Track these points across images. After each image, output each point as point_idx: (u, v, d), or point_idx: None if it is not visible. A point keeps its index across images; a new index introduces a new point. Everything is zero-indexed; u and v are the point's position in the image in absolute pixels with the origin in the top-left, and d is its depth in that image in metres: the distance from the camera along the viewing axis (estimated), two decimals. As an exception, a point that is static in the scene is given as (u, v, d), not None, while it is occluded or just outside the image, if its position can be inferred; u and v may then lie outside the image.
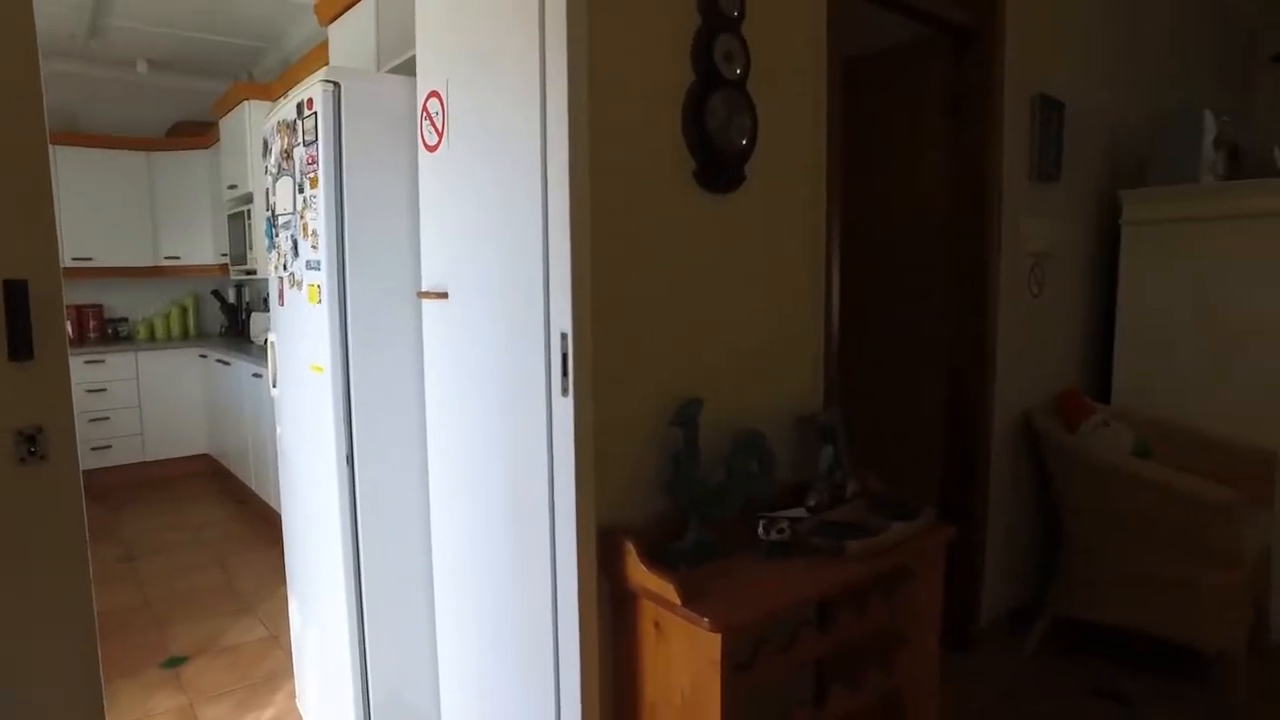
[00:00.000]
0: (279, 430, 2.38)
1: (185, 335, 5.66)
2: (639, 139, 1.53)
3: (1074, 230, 3.10)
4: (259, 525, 4.28)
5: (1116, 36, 3.21)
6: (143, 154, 5.28)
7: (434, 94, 1.78)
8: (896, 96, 2.82)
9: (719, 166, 1.63)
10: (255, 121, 4.38)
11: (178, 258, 5.44)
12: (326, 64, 3.07)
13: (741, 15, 1.66)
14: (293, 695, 2.49)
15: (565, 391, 1.43)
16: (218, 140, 5.04)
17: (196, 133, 5.39)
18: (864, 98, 2.82)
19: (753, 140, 1.69)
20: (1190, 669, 2.53)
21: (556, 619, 1.53)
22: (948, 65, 2.61)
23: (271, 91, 4.37)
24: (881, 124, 2.86)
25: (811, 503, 1.69)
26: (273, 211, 2.22)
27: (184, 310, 5.68)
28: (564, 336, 1.41)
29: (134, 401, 5.14)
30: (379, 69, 2.51)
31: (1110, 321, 3.17)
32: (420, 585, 2.00)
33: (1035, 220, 2.83)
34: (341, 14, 2.83)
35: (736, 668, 1.35)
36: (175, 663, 2.74)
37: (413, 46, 1.89)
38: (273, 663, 2.72)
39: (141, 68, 5.10)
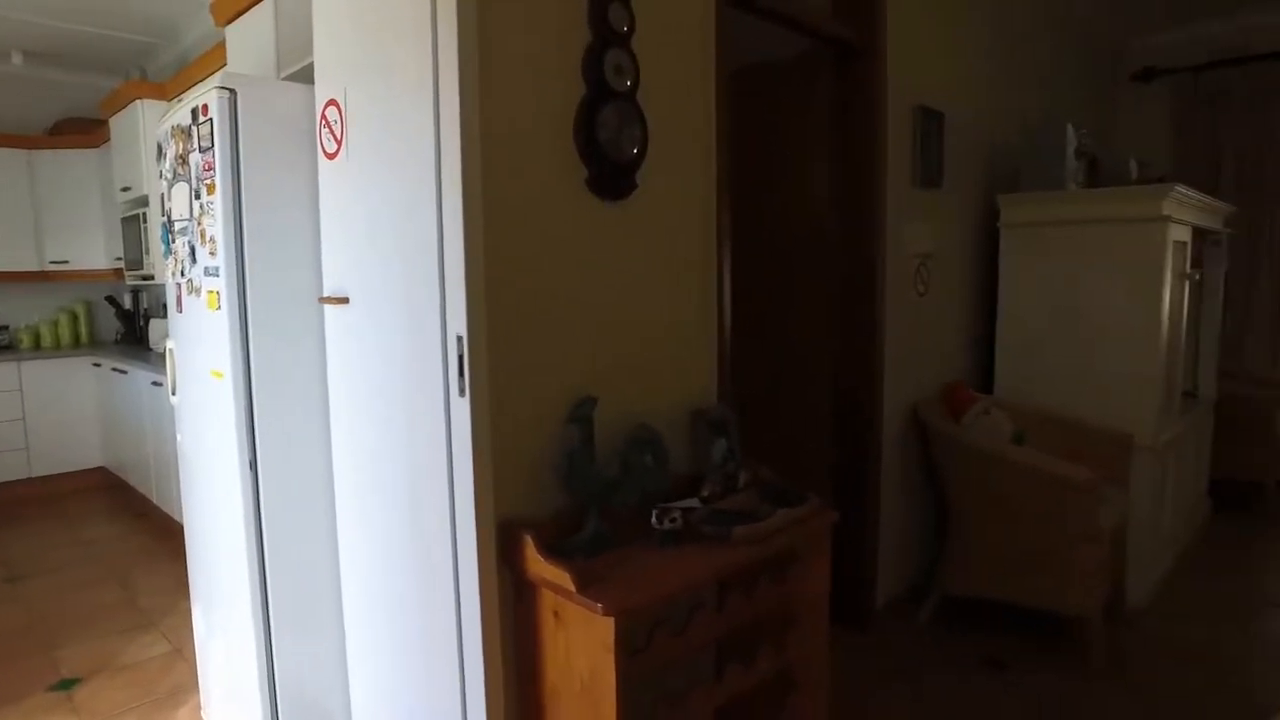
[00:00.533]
0: (179, 438, 2.34)
1: (76, 343, 5.37)
2: (532, 147, 1.59)
3: (958, 232, 3.32)
4: (161, 538, 4.13)
5: (993, 53, 3.46)
6: (22, 152, 4.99)
7: (332, 102, 1.79)
8: (785, 108, 2.96)
9: (611, 175, 1.71)
10: (149, 122, 4.20)
11: (66, 262, 5.15)
12: (224, 64, 3.00)
13: (631, 30, 1.74)
14: (198, 708, 2.44)
15: (463, 392, 1.48)
16: (108, 140, 4.81)
17: (84, 130, 5.13)
18: (754, 109, 2.95)
19: (643, 150, 1.77)
20: (1062, 635, 2.76)
21: (460, 612, 1.58)
22: (832, 78, 2.76)
23: (166, 91, 4.21)
24: (772, 135, 2.98)
25: (705, 493, 1.79)
26: (169, 217, 2.18)
27: (74, 317, 5.39)
28: (459, 339, 1.46)
29: (17, 414, 4.85)
30: (279, 74, 2.49)
31: (993, 316, 3.41)
32: (327, 586, 2.01)
33: (919, 224, 3.02)
34: (239, 16, 2.78)
35: (631, 651, 1.43)
36: (67, 685, 2.63)
37: (313, 52, 1.90)
38: (176, 677, 2.66)
39: (16, 59, 4.80)
